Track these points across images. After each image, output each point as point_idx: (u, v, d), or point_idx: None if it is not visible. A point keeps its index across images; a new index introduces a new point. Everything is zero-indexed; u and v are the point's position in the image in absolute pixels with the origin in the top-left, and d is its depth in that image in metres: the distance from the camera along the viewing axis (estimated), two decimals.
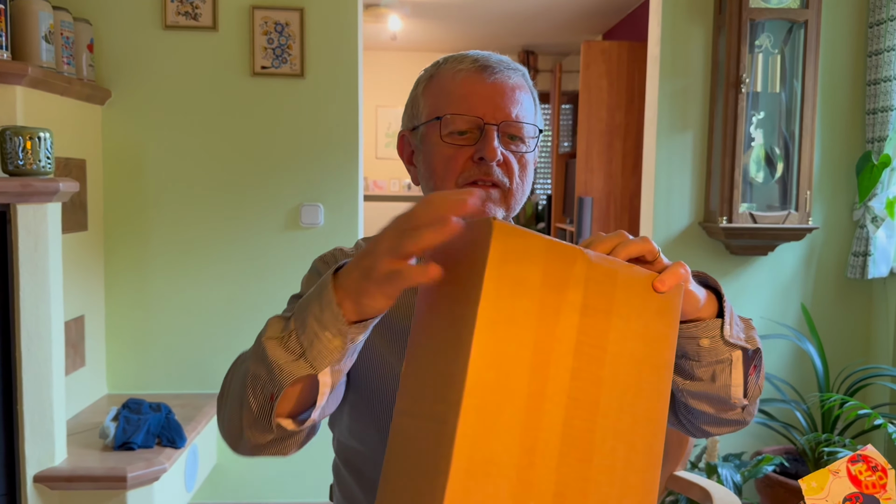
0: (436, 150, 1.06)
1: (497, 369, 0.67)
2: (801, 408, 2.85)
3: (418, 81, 1.14)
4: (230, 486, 3.08)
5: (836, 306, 3.05)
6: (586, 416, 0.70)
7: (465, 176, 1.04)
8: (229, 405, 0.89)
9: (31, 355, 2.24)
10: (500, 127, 1.04)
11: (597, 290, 0.72)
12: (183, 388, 3.05)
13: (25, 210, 2.21)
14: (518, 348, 0.68)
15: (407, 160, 1.16)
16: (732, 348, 0.87)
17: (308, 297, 0.79)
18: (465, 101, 1.04)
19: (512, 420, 0.67)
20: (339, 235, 3.04)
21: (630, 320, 0.73)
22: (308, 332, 0.77)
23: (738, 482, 2.49)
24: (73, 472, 2.29)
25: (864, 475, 0.87)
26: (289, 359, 0.78)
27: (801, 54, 2.86)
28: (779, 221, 2.86)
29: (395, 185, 7.29)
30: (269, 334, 0.80)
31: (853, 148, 3.00)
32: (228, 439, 0.91)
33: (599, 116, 4.91)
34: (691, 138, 2.99)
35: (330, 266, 1.09)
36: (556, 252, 0.71)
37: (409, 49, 7.13)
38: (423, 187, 1.13)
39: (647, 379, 0.73)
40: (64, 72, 2.60)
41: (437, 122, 1.05)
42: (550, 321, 0.70)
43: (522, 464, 0.67)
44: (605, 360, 0.71)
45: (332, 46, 2.99)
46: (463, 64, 1.07)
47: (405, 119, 1.16)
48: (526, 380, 0.68)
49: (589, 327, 0.71)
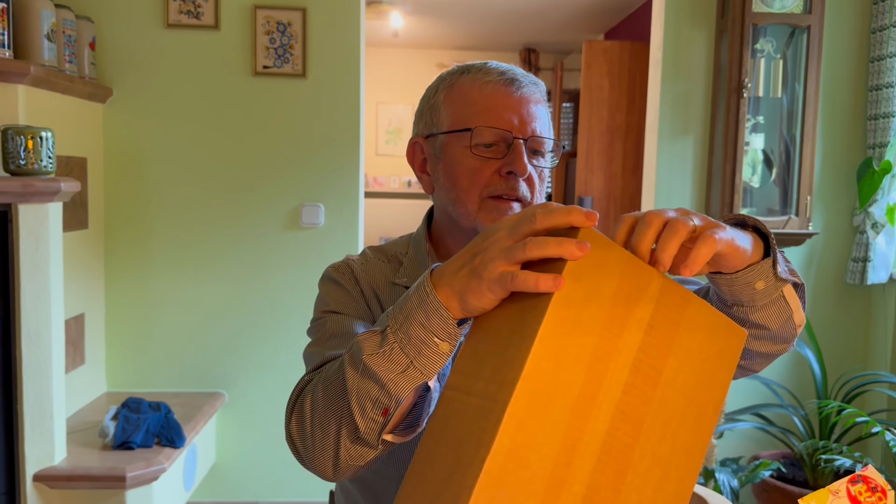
0: (461, 162, 1.05)
1: (555, 363, 0.69)
2: (798, 413, 2.85)
3: (436, 88, 1.11)
4: (229, 486, 3.09)
5: (835, 312, 3.06)
6: (630, 430, 0.71)
7: (490, 189, 1.04)
8: (318, 434, 0.88)
9: (32, 353, 2.24)
10: (526, 142, 1.04)
11: (665, 313, 0.73)
12: (182, 386, 3.05)
13: (27, 210, 2.21)
14: (579, 349, 0.70)
15: (419, 168, 1.14)
16: (784, 283, 0.87)
17: (405, 308, 0.79)
18: (493, 114, 1.03)
19: (559, 415, 0.68)
20: (339, 236, 3.04)
21: (690, 352, 0.74)
22: (414, 341, 0.78)
23: (736, 487, 2.50)
24: (73, 471, 2.30)
25: (863, 496, 0.87)
26: (397, 370, 0.79)
27: (803, 59, 2.86)
28: (779, 226, 2.87)
29: (395, 182, 7.29)
30: (368, 351, 0.80)
31: (854, 153, 3.00)
32: (321, 467, 0.90)
33: (600, 116, 4.91)
34: (692, 143, 2.99)
35: (346, 276, 1.10)
36: (633, 267, 0.73)
37: (411, 46, 7.12)
38: (441, 197, 1.10)
39: (693, 413, 0.74)
40: (66, 70, 2.59)
41: (464, 133, 1.04)
42: (615, 332, 0.71)
43: (560, 460, 0.68)
44: (659, 382, 0.73)
45: (334, 47, 2.98)
46: (490, 76, 1.05)
47: (419, 126, 1.13)
48: (580, 381, 0.69)
49: (650, 347, 0.72)
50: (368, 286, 1.10)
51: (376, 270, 1.13)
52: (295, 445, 0.91)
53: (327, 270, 1.14)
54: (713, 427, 0.76)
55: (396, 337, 0.79)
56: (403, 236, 1.21)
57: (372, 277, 1.12)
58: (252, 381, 3.08)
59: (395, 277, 1.12)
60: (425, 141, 1.12)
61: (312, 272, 3.03)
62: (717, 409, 0.76)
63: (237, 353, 3.07)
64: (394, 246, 1.18)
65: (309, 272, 3.04)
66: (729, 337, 0.77)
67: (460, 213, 1.06)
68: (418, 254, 1.14)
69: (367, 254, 1.17)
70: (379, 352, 0.79)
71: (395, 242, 1.19)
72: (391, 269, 1.13)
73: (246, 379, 3.08)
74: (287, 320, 3.06)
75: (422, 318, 0.77)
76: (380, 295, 1.10)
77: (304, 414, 0.90)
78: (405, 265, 1.13)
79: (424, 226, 1.17)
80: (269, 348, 3.07)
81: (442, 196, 1.09)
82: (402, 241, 1.20)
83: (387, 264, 1.14)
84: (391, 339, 0.79)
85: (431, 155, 1.11)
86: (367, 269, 1.13)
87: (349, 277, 1.11)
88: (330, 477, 0.90)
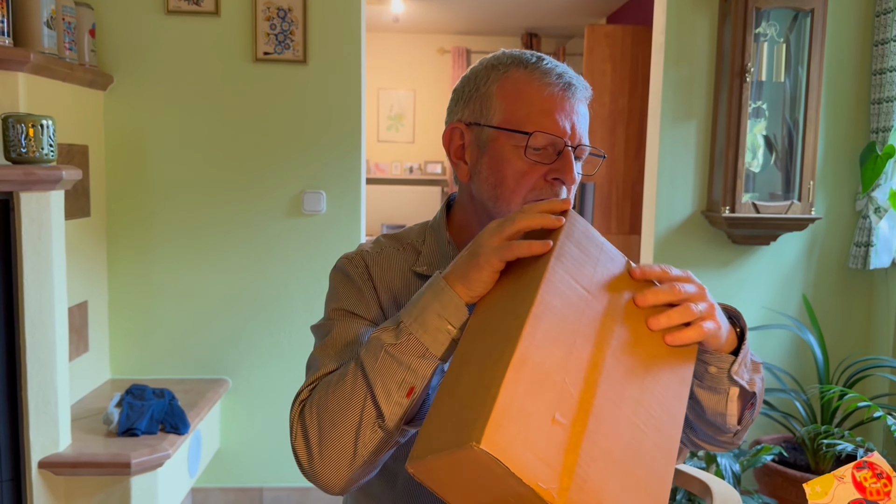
0: (510, 161, 1.04)
1: (560, 299, 0.81)
2: (800, 398, 2.86)
3: (487, 77, 1.07)
4: (233, 471, 3.11)
5: (838, 296, 3.06)
6: (621, 372, 0.81)
7: (535, 193, 1.04)
8: (331, 437, 0.91)
9: (35, 341, 2.25)
10: (574, 150, 1.04)
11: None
12: (186, 373, 3.06)
13: (28, 198, 2.21)
14: (577, 298, 0.83)
15: (455, 154, 1.10)
16: (733, 384, 0.96)
17: (419, 303, 0.89)
18: (550, 118, 1.02)
19: (566, 344, 0.78)
20: (341, 223, 3.04)
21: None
22: (430, 329, 0.88)
23: (738, 471, 2.51)
24: (78, 458, 2.31)
25: (868, 482, 0.87)
26: (417, 354, 0.89)
27: (806, 43, 2.85)
28: (781, 211, 2.86)
29: (396, 168, 7.28)
30: (388, 341, 0.90)
31: (857, 138, 2.99)
32: (332, 475, 0.92)
33: (602, 101, 4.89)
34: (695, 127, 2.98)
35: (359, 270, 1.10)
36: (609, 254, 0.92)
37: (412, 31, 7.09)
38: (481, 190, 1.08)
39: (666, 363, 0.87)
40: (66, 57, 2.58)
41: (520, 134, 1.02)
42: (605, 293, 0.87)
43: (569, 380, 0.76)
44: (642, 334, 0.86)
45: (334, 33, 2.97)
46: (549, 77, 1.04)
47: (463, 111, 1.09)
48: (580, 323, 0.81)
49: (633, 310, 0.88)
50: (382, 281, 1.10)
51: (392, 260, 1.12)
52: (302, 459, 0.94)
53: (341, 261, 1.13)
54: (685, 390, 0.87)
55: (413, 328, 0.89)
56: (417, 225, 1.20)
57: (387, 269, 1.11)
58: (256, 367, 3.09)
59: (414, 266, 1.11)
60: (467, 128, 1.08)
61: (315, 259, 3.03)
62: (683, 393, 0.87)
63: (240, 339, 3.08)
64: (408, 234, 1.17)
65: (311, 259, 3.04)
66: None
67: (501, 210, 1.05)
68: (439, 241, 1.13)
69: (382, 242, 1.15)
70: (398, 342, 0.89)
71: (409, 231, 1.18)
72: (409, 257, 1.12)
73: (249, 365, 3.09)
74: (290, 306, 3.07)
75: (438, 308, 0.88)
76: (395, 287, 1.10)
77: (310, 428, 0.92)
78: (424, 253, 1.12)
79: (444, 214, 1.16)
80: (273, 334, 3.08)
81: (483, 189, 1.07)
82: (415, 229, 1.18)
83: (403, 253, 1.13)
84: (408, 330, 0.89)
85: (474, 144, 1.08)
86: (382, 261, 1.11)
87: (362, 272, 1.10)
88: (340, 486, 0.93)
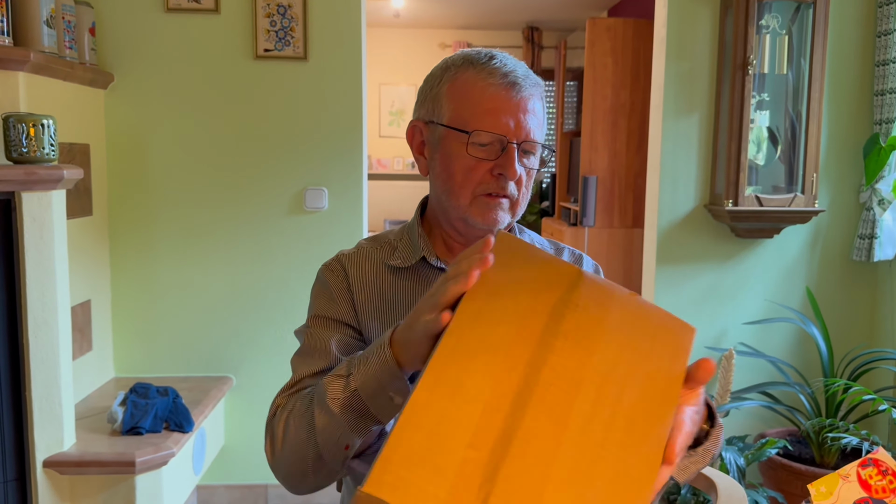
0: (457, 158, 1.10)
1: (475, 330, 0.76)
2: (805, 391, 2.85)
3: (440, 77, 1.13)
4: (238, 468, 3.11)
5: (841, 289, 3.05)
6: (566, 388, 0.73)
7: (482, 187, 1.10)
8: (289, 453, 1.02)
9: (39, 341, 2.25)
10: (520, 145, 1.09)
11: (589, 298, 0.81)
12: (190, 371, 3.07)
13: (30, 198, 2.20)
14: (501, 314, 0.78)
15: (417, 150, 1.18)
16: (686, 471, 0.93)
17: (369, 362, 0.93)
18: (491, 117, 1.07)
19: (486, 367, 0.73)
20: (343, 219, 3.03)
21: (622, 338, 0.79)
22: (373, 394, 0.93)
23: (742, 465, 2.50)
24: (83, 457, 2.31)
25: (874, 479, 0.87)
26: (356, 415, 0.94)
27: (808, 35, 2.83)
28: (785, 204, 2.85)
29: (398, 164, 7.27)
30: (331, 395, 0.95)
31: (860, 130, 2.98)
32: (288, 481, 1.06)
33: (604, 94, 4.87)
34: (697, 121, 2.97)
35: (335, 275, 1.17)
36: (549, 266, 0.85)
37: (413, 26, 7.07)
38: (435, 185, 1.16)
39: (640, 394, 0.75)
40: (66, 56, 2.58)
41: (463, 134, 1.08)
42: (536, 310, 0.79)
43: (491, 404, 0.70)
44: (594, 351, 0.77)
45: (335, 29, 2.96)
46: (493, 77, 1.08)
47: (421, 110, 1.16)
48: (506, 341, 0.75)
49: (574, 328, 0.78)
50: (357, 279, 1.17)
51: (369, 258, 1.19)
52: (269, 460, 1.07)
53: (320, 270, 1.21)
54: (668, 418, 0.74)
55: (358, 386, 0.93)
56: (400, 225, 1.27)
57: (362, 267, 1.18)
58: (259, 364, 3.09)
59: (389, 259, 1.18)
60: (425, 126, 1.16)
61: (317, 256, 3.03)
62: (668, 402, 0.75)
63: (244, 337, 3.08)
64: (388, 234, 1.24)
65: (314, 256, 3.04)
66: (669, 331, 0.81)
67: (453, 204, 1.12)
68: (412, 236, 1.20)
69: (362, 244, 1.22)
70: (342, 397, 0.94)
71: (391, 231, 1.25)
72: (385, 253, 1.20)
73: (253, 362, 3.09)
74: (292, 303, 3.06)
75: (384, 379, 0.91)
76: (368, 281, 1.17)
77: (276, 438, 1.04)
78: (399, 248, 1.19)
79: (418, 213, 1.23)
80: (275, 331, 3.08)
81: (437, 184, 1.15)
82: (397, 229, 1.26)
83: (379, 251, 1.20)
84: (353, 386, 0.94)
85: (430, 141, 1.15)
86: (359, 261, 1.19)
87: (339, 273, 1.17)
88: (297, 492, 1.07)
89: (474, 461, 0.65)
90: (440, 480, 0.64)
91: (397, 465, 0.64)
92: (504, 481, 0.65)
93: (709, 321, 3.02)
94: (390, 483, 0.63)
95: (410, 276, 1.17)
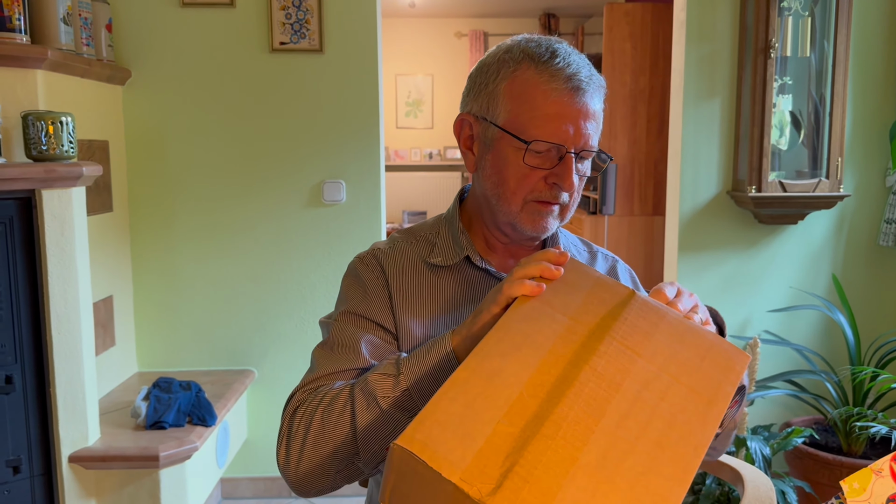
0: (511, 163, 1.05)
1: (527, 322, 0.82)
2: (831, 379, 2.81)
3: (497, 72, 1.06)
4: (261, 461, 3.13)
5: (868, 275, 3.00)
6: (605, 386, 0.78)
7: (535, 194, 1.05)
8: (315, 451, 0.97)
9: (62, 337, 2.27)
10: (577, 155, 1.04)
11: (639, 315, 0.86)
12: (212, 364, 3.08)
13: (50, 195, 2.22)
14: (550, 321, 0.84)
15: (464, 144, 1.12)
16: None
17: (424, 360, 0.93)
18: (552, 124, 1.01)
19: (526, 359, 0.79)
20: (361, 212, 3.03)
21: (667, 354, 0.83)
22: (426, 393, 0.92)
23: (768, 455, 2.47)
24: (107, 451, 2.33)
25: None
26: (407, 416, 0.93)
27: (832, 16, 2.77)
28: (809, 189, 2.80)
29: (416, 155, 7.25)
30: (381, 394, 0.94)
31: (886, 112, 2.92)
32: (306, 479, 0.99)
33: (623, 80, 4.83)
34: (719, 105, 2.92)
35: (370, 269, 1.12)
36: (602, 285, 0.90)
37: (428, 15, 7.04)
38: (484, 186, 1.10)
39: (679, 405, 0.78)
40: (83, 53, 2.58)
41: (521, 142, 1.02)
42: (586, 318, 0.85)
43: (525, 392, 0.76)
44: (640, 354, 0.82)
45: (350, 20, 2.94)
46: (556, 81, 1.01)
47: (473, 104, 1.09)
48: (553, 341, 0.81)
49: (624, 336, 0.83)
50: (395, 278, 1.11)
51: (406, 254, 1.14)
52: (280, 461, 1.00)
53: (353, 262, 1.15)
54: (709, 430, 0.76)
55: (410, 385, 0.92)
56: (432, 218, 1.21)
57: (401, 264, 1.13)
58: (280, 356, 3.09)
59: (429, 257, 1.13)
60: (476, 121, 1.09)
61: (336, 248, 3.03)
62: (711, 416, 0.77)
63: (265, 329, 3.09)
64: (422, 227, 1.18)
65: (333, 248, 3.03)
66: (721, 353, 0.83)
67: (502, 209, 1.07)
68: (452, 232, 1.15)
69: (396, 238, 1.17)
70: (391, 395, 0.93)
71: (423, 224, 1.20)
72: (423, 249, 1.14)
73: (274, 355, 3.10)
74: (313, 296, 3.07)
75: (441, 375, 0.91)
76: (408, 282, 1.11)
77: (295, 435, 0.98)
78: (438, 245, 1.14)
79: (457, 205, 1.18)
80: (296, 324, 3.08)
81: (486, 185, 1.09)
82: (430, 222, 1.20)
83: (416, 245, 1.15)
84: (403, 385, 0.93)
85: (481, 139, 1.09)
86: (396, 256, 1.13)
87: (374, 269, 1.12)
88: (307, 495, 1.02)
89: (505, 434, 0.70)
90: (469, 445, 0.69)
91: (430, 426, 0.70)
92: (531, 455, 0.69)
93: (733, 309, 2.98)
94: (421, 441, 0.69)
95: (452, 275, 1.12)
